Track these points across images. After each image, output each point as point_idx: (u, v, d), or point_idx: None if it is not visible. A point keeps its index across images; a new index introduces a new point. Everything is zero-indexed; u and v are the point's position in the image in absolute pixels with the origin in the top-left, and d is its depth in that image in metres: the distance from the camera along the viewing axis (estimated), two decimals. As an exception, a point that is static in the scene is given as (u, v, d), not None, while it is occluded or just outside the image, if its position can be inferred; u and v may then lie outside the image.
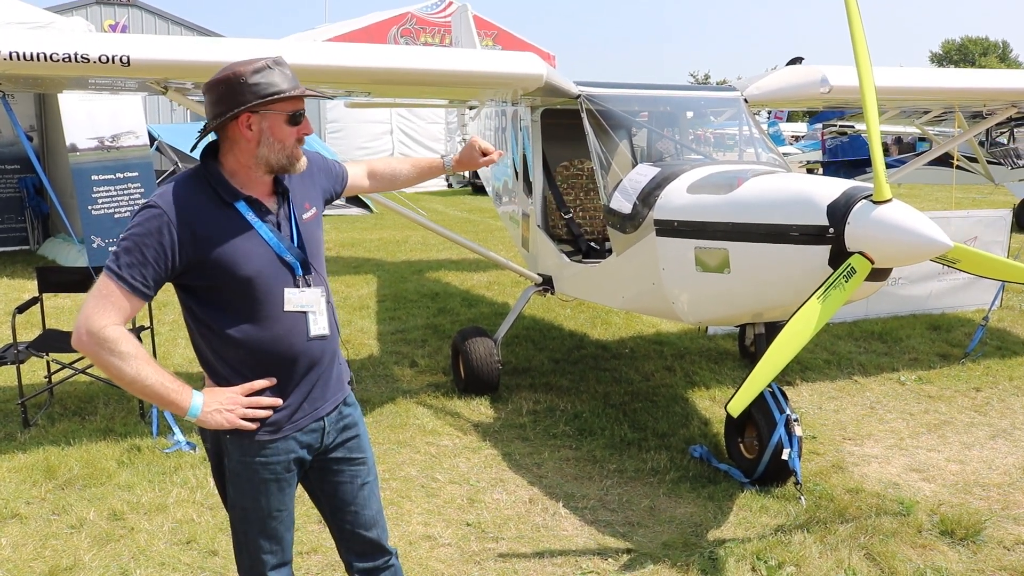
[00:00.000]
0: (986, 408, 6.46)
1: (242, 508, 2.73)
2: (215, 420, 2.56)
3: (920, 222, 3.96)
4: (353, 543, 2.96)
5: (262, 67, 2.55)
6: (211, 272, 2.54)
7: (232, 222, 2.58)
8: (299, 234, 2.71)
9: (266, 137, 2.58)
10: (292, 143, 2.62)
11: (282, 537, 2.80)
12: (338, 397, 2.84)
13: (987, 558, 4.24)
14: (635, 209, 5.48)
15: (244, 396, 2.60)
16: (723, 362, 7.61)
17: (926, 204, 19.76)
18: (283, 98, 2.55)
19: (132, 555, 4.27)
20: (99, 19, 28.66)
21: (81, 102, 10.93)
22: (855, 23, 4.11)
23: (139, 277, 2.47)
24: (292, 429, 2.69)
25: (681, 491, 4.99)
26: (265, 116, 2.56)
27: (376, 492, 2.99)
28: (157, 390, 2.50)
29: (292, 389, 2.68)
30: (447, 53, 7.81)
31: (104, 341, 2.43)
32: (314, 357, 2.71)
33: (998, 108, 8.48)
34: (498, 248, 12.28)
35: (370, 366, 7.52)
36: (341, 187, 3.17)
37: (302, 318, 2.67)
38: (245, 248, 2.57)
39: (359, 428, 2.94)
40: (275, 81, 2.55)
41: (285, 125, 2.59)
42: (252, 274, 2.57)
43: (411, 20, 26.12)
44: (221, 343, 2.62)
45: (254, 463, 2.66)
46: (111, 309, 2.45)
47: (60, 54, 4.81)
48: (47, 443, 5.64)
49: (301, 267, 2.68)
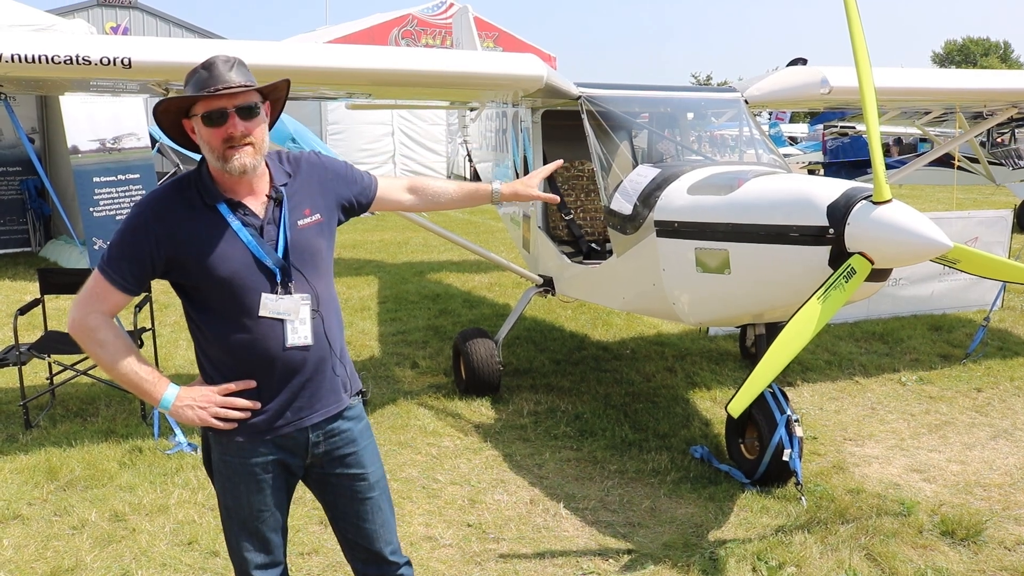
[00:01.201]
0: (987, 409, 6.46)
1: (225, 506, 2.78)
2: (185, 415, 2.62)
3: (920, 222, 3.96)
4: (356, 551, 2.96)
5: (194, 71, 2.58)
6: (191, 272, 2.60)
7: (212, 224, 2.60)
8: (286, 240, 2.66)
9: (201, 141, 2.61)
10: (218, 144, 2.55)
11: (266, 538, 2.78)
12: (330, 409, 2.76)
13: (988, 558, 4.24)
14: (635, 210, 5.49)
15: (220, 396, 2.62)
16: (724, 363, 7.62)
17: (927, 205, 19.77)
18: (188, 99, 2.55)
19: (134, 556, 4.28)
20: (100, 21, 28.68)
21: (83, 104, 10.92)
22: (854, 24, 4.11)
23: (119, 271, 2.58)
24: (271, 435, 2.68)
25: (682, 492, 4.99)
26: (194, 120, 2.59)
27: (382, 507, 2.91)
28: (131, 379, 2.61)
29: (272, 395, 2.66)
30: (448, 55, 7.82)
31: (87, 328, 2.59)
32: (293, 366, 2.66)
33: (998, 108, 8.47)
34: (499, 249, 12.30)
35: (371, 367, 7.53)
36: (367, 199, 3.01)
37: (278, 325, 2.62)
38: (222, 250, 2.58)
39: (359, 444, 2.85)
40: (200, 82, 2.54)
41: (203, 126, 2.56)
42: (228, 275, 2.58)
43: (412, 22, 26.13)
44: (206, 342, 2.68)
45: (233, 462, 2.70)
46: (96, 299, 2.60)
47: (62, 56, 4.82)
48: (49, 444, 5.65)
49: (281, 273, 2.63)
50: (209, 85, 2.53)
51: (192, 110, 2.58)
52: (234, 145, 2.55)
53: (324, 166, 2.88)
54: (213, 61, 2.56)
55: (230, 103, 2.55)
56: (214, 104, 2.54)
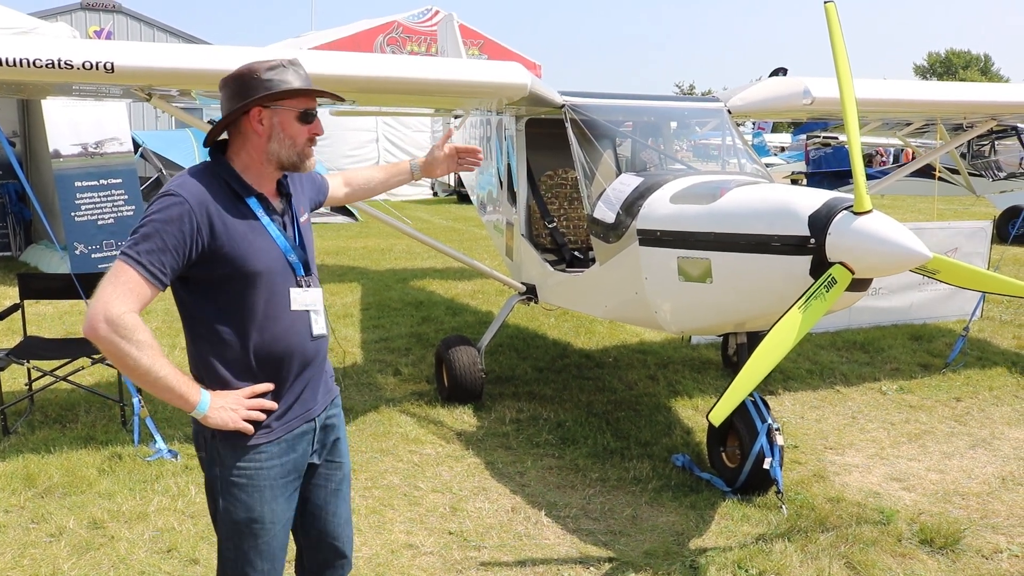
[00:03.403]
0: (966, 418, 6.51)
1: (233, 521, 2.63)
2: (221, 418, 2.51)
3: (899, 233, 4.00)
4: (319, 551, 2.92)
5: (276, 65, 2.61)
6: (222, 265, 2.52)
7: (245, 217, 2.60)
8: (300, 235, 2.76)
9: (277, 132, 2.62)
10: (303, 141, 2.66)
11: (275, 555, 2.70)
12: (327, 398, 2.86)
13: (966, 567, 4.27)
14: (618, 219, 5.51)
15: (247, 399, 2.58)
16: (706, 371, 7.64)
17: (908, 215, 19.93)
18: (292, 93, 2.60)
19: (112, 564, 4.24)
20: (84, 25, 28.58)
21: (65, 108, 10.86)
22: (836, 35, 4.16)
23: (158, 264, 2.43)
24: (283, 431, 2.66)
25: (663, 500, 5.00)
26: (276, 112, 2.61)
27: (348, 499, 2.98)
28: (170, 382, 2.45)
29: (285, 390, 2.67)
30: (432, 62, 7.81)
31: (123, 328, 2.36)
32: (310, 357, 2.72)
33: (978, 120, 8.56)
34: (482, 257, 12.30)
35: (353, 374, 7.51)
36: (323, 197, 3.21)
37: (306, 317, 2.70)
38: (257, 243, 2.59)
39: (340, 431, 2.94)
40: (288, 79, 2.60)
41: (296, 122, 2.63)
42: (263, 269, 2.58)
43: (397, 29, 26.18)
44: (220, 342, 2.58)
45: (247, 468, 2.60)
46: (130, 296, 2.40)
47: (43, 60, 4.79)
48: (27, 451, 5.60)
49: (303, 267, 2.71)
50: (306, 84, 2.63)
51: (276, 102, 2.60)
52: (313, 144, 2.70)
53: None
54: (296, 61, 2.66)
55: (315, 104, 2.70)
56: (312, 103, 2.67)
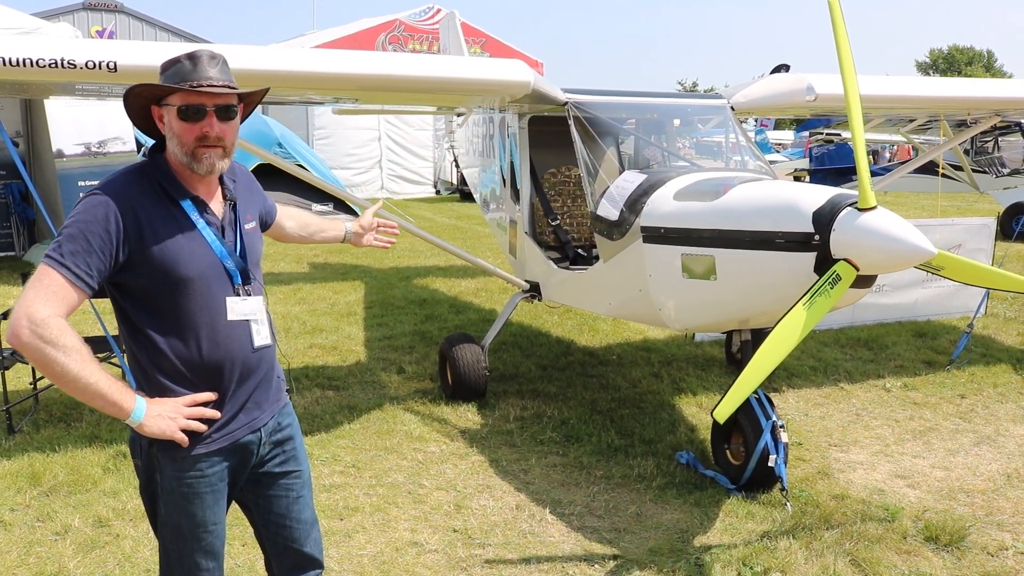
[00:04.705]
0: (971, 415, 6.50)
1: (175, 525, 2.60)
2: (157, 426, 2.43)
3: (904, 229, 3.99)
4: (286, 557, 2.89)
5: (176, 59, 2.49)
6: (151, 270, 2.43)
7: (177, 220, 2.49)
8: (243, 243, 2.65)
9: (169, 131, 2.50)
10: (190, 140, 2.47)
11: (218, 553, 2.70)
12: (275, 407, 2.77)
13: (971, 564, 4.26)
14: (622, 216, 5.50)
15: (186, 407, 2.49)
16: (710, 369, 7.63)
17: (911, 212, 19.89)
18: (167, 89, 2.46)
19: (117, 561, 4.25)
20: (86, 25, 28.59)
21: (68, 108, 10.90)
22: (840, 31, 4.14)
23: (83, 266, 2.34)
24: (225, 441, 2.59)
25: (668, 497, 5.00)
26: (168, 109, 2.48)
27: (310, 503, 2.92)
28: (101, 389, 2.35)
29: (228, 400, 2.59)
30: (435, 60, 7.79)
31: (48, 333, 2.26)
32: (252, 368, 2.63)
33: (982, 116, 8.54)
34: (486, 255, 12.29)
35: (357, 372, 7.51)
36: (271, 219, 3.14)
37: (246, 327, 2.60)
38: (188, 248, 2.48)
39: (296, 440, 2.86)
40: (182, 73, 2.45)
41: (177, 120, 2.47)
42: (194, 275, 2.48)
43: (399, 27, 26.17)
44: (155, 351, 2.50)
45: (188, 476, 2.55)
46: (54, 299, 2.30)
47: (47, 60, 4.78)
48: (32, 450, 5.61)
49: (241, 276, 2.61)
50: (192, 78, 2.45)
51: (167, 99, 2.49)
52: (207, 144, 2.49)
53: (251, 178, 2.89)
54: (199, 55, 2.48)
55: (210, 101, 2.48)
56: (194, 99, 2.46)
